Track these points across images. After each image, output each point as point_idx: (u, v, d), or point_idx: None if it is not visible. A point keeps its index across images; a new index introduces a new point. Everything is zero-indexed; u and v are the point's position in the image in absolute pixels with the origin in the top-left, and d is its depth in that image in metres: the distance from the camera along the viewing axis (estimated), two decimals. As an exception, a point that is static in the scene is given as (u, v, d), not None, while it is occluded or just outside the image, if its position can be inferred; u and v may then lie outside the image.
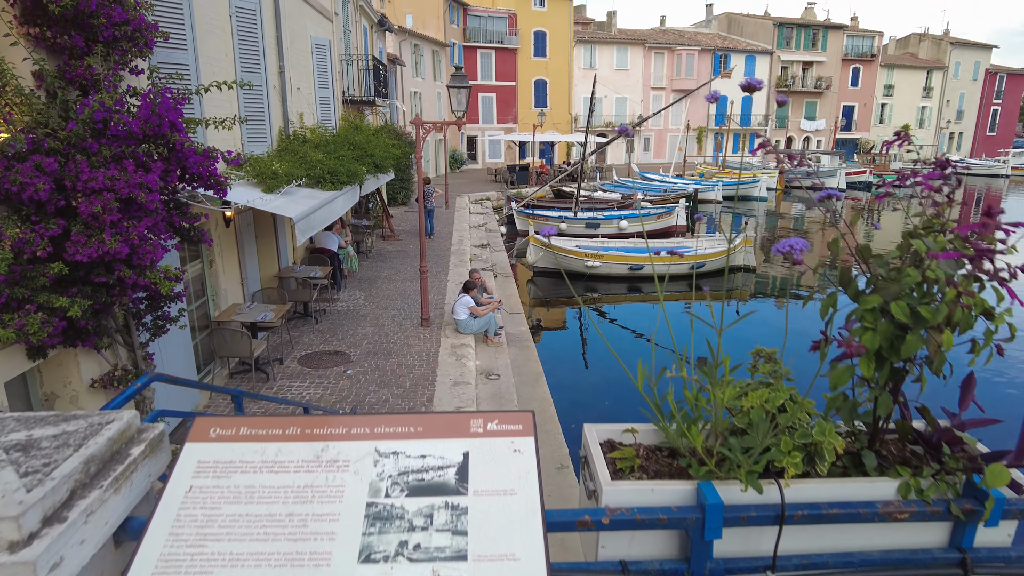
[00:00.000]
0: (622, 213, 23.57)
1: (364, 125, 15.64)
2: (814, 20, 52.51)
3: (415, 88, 34.23)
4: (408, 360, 8.63)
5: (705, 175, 37.98)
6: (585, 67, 45.19)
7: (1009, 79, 62.18)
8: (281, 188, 8.24)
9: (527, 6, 42.78)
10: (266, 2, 10.24)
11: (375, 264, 14.68)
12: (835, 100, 53.18)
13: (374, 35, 23.69)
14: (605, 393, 10.46)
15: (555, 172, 34.51)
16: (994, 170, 52.31)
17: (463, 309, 9.53)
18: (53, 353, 4.88)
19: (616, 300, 16.16)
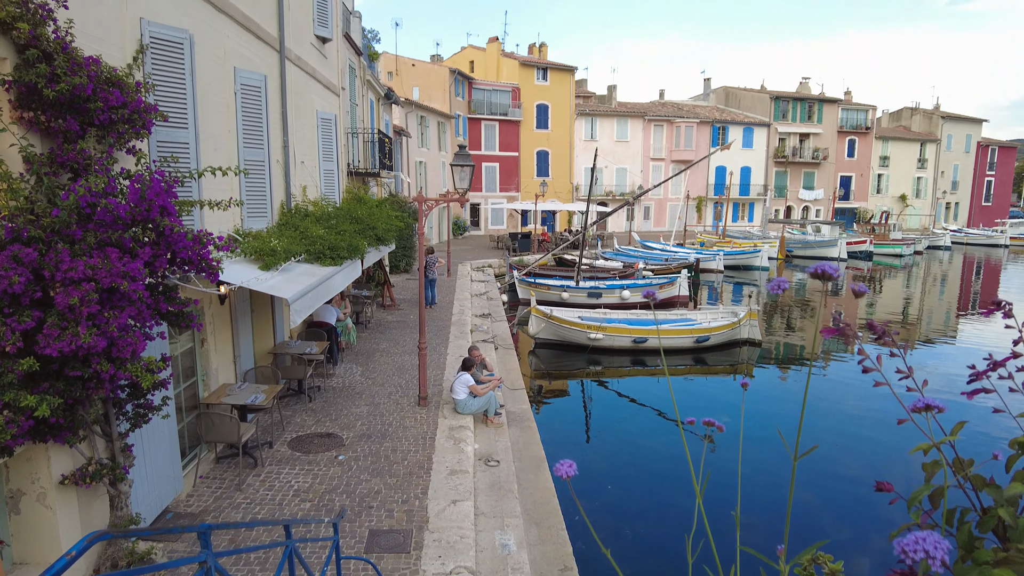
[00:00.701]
0: (624, 283, 23.47)
1: (368, 197, 15.70)
2: (809, 94, 54.06)
3: (420, 158, 34.85)
4: (403, 444, 8.23)
5: (706, 244, 38.17)
6: (586, 138, 46.20)
7: (1000, 151, 63.65)
8: (279, 265, 8.08)
9: (530, 80, 44.13)
10: (272, 79, 10.38)
11: (374, 336, 14.41)
12: (832, 170, 54.09)
13: (380, 108, 24.23)
14: (608, 475, 9.99)
15: (557, 240, 34.71)
16: (993, 240, 52.69)
17: (462, 388, 9.19)
18: (20, 449, 4.56)
19: (620, 374, 15.78)
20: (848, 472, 10.21)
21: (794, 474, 1.39)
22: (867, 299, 28.12)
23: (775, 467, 10.27)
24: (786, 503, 8.82)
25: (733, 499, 9.16)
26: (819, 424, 12.32)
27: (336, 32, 14.89)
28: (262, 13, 10.13)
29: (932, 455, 1.20)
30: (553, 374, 15.81)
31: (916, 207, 58.98)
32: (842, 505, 9.24)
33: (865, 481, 9.78)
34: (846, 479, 9.96)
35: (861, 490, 9.53)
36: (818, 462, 10.23)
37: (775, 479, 9.73)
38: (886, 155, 56.83)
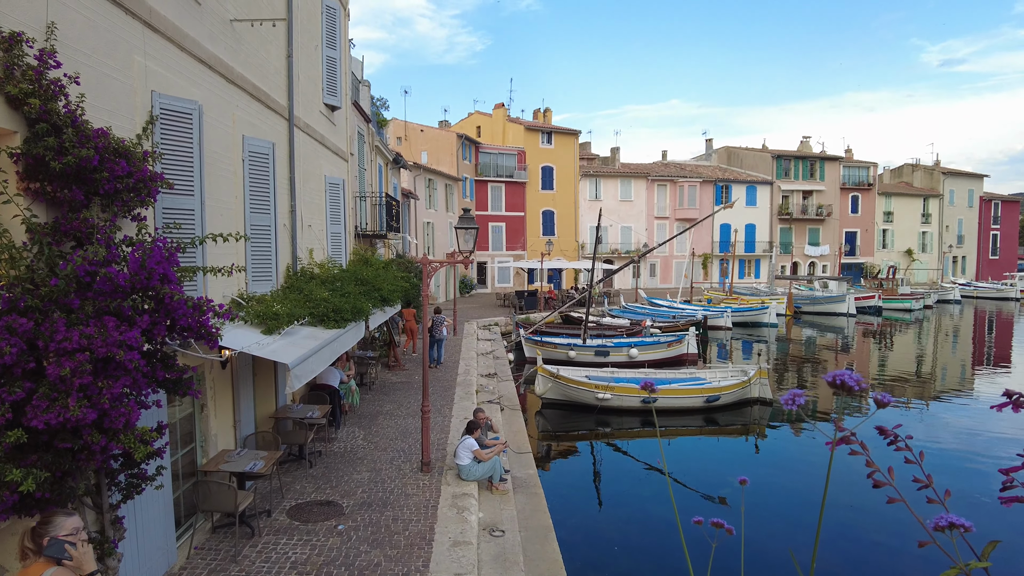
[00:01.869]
0: (632, 341, 23.28)
1: (374, 259, 15.81)
2: (810, 152, 54.94)
3: (428, 219, 35.35)
4: (405, 513, 7.97)
5: (713, 301, 38.06)
6: (591, 198, 46.86)
7: (1004, 205, 64.05)
8: (282, 329, 8.05)
9: (535, 143, 45.14)
10: (280, 146, 10.62)
11: (378, 397, 14.23)
12: (837, 226, 54.38)
13: (389, 171, 24.73)
14: (619, 544, 9.62)
15: (563, 298, 34.71)
16: (1003, 293, 52.36)
17: (466, 453, 8.98)
18: (5, 524, 4.42)
19: (630, 435, 15.45)
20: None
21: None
22: (879, 355, 27.74)
23: (790, 543, 9.88)
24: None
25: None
26: (832, 523, 10.66)
27: (345, 101, 15.34)
28: (272, 84, 10.46)
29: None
30: (561, 436, 15.50)
31: (923, 261, 58.96)
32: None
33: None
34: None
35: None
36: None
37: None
38: (890, 210, 57.23)
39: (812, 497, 11.42)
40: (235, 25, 8.94)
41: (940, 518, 1.09)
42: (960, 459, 13.62)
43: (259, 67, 9.92)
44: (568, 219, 46.11)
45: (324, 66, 13.57)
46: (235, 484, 7.41)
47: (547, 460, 13.69)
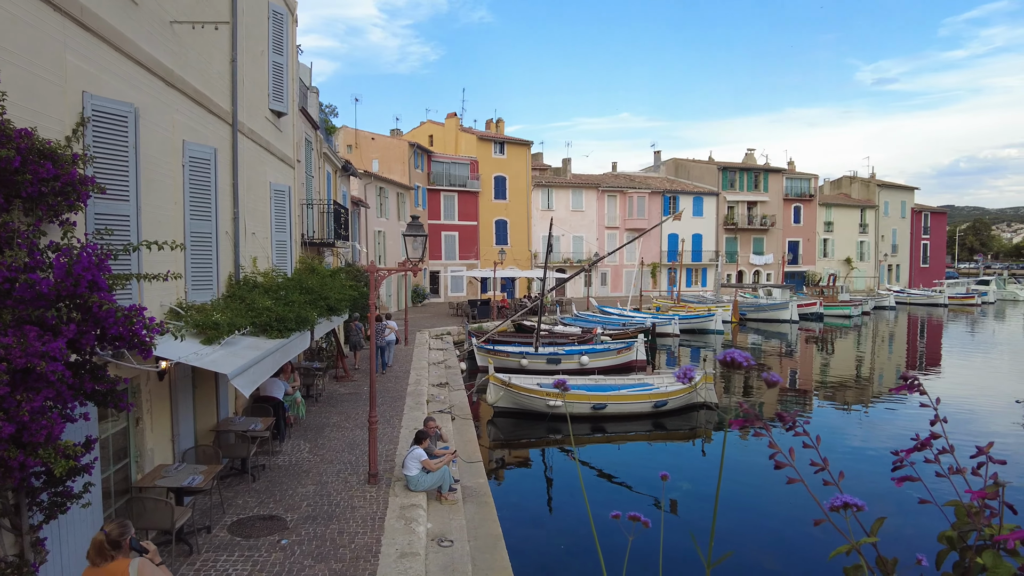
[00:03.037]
0: (583, 348, 23.49)
1: (321, 267, 15.54)
2: (755, 164, 56.77)
3: (379, 228, 34.97)
4: (351, 526, 7.82)
5: (661, 308, 38.78)
6: (543, 208, 47.23)
7: (932, 217, 67.57)
8: (222, 339, 7.81)
9: (488, 153, 45.28)
10: (223, 152, 10.36)
11: (325, 409, 13.95)
12: (780, 236, 56.24)
13: (338, 179, 24.39)
14: (570, 550, 9.66)
15: (516, 306, 34.80)
16: (933, 299, 55.00)
17: (414, 463, 8.87)
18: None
19: (580, 441, 15.55)
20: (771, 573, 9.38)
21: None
22: (821, 360, 28.73)
23: (731, 542, 10.11)
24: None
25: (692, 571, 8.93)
26: (746, 515, 11.17)
27: (292, 107, 15.08)
28: (215, 88, 10.20)
29: (855, 556, 1.14)
30: (513, 444, 15.49)
31: (861, 269, 61.50)
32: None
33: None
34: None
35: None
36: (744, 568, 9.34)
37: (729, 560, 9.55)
38: (830, 220, 59.54)
39: (754, 497, 11.70)
40: (175, 27, 8.69)
41: (836, 499, 1.13)
42: (867, 474, 14.19)
43: (201, 71, 9.66)
44: (521, 228, 46.34)
45: (270, 71, 13.32)
46: (172, 500, 7.14)
47: (499, 469, 13.65)
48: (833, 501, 1.13)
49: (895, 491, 1.37)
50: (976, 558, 1.03)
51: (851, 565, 1.10)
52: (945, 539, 1.12)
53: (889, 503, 10.58)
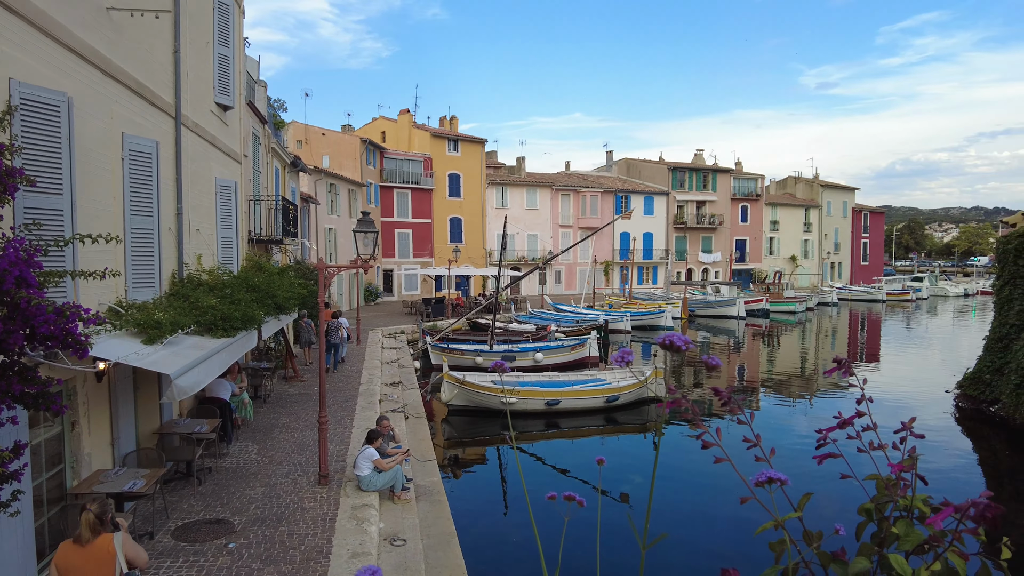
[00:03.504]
0: (537, 345, 23.63)
1: (269, 265, 15.19)
2: (703, 165, 58.08)
3: (330, 225, 34.37)
4: (301, 528, 7.67)
5: (614, 306, 39.32)
6: (498, 206, 47.25)
7: (871, 216, 70.50)
8: (164, 338, 7.56)
9: (442, 151, 45.02)
10: (165, 145, 10.01)
11: (274, 410, 13.64)
12: (728, 234, 57.70)
13: (287, 175, 23.88)
14: (525, 546, 9.70)
15: (471, 304, 34.74)
16: (872, 295, 57.38)
17: (366, 463, 8.77)
18: None
19: (535, 438, 15.64)
20: (706, 553, 9.65)
21: (643, 565, 1.34)
22: (767, 355, 29.63)
23: (679, 529, 10.35)
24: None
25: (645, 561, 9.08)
26: (685, 496, 11.79)
27: (239, 100, 14.68)
28: (157, 80, 9.85)
29: (782, 532, 1.18)
30: (467, 442, 15.47)
31: (805, 267, 63.65)
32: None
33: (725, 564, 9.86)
34: (696, 563, 9.34)
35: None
36: (682, 545, 9.70)
37: (675, 549, 9.77)
38: (776, 220, 61.40)
39: (697, 485, 11.98)
40: (113, 15, 8.36)
41: (760, 474, 1.17)
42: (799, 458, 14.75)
43: (142, 61, 9.31)
44: (475, 226, 46.25)
45: (216, 64, 12.94)
46: (112, 505, 6.86)
47: (454, 467, 13.62)
48: (758, 476, 1.17)
49: (830, 470, 1.43)
50: (891, 528, 1.08)
51: (776, 540, 1.14)
52: (864, 511, 1.17)
53: (826, 482, 10.99)
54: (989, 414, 16.40)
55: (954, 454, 14.55)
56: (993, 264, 19.26)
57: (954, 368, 20.07)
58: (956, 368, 19.63)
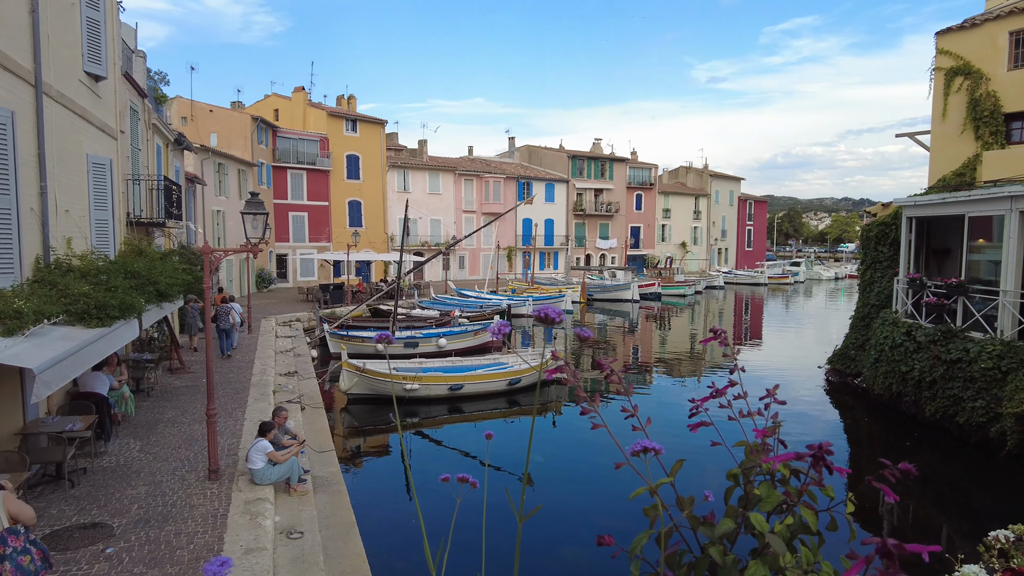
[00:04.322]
0: (441, 331, 23.55)
1: (151, 249, 14.18)
2: (601, 153, 59.70)
3: (218, 207, 32.46)
4: (189, 526, 7.28)
5: (517, 291, 39.84)
6: (399, 190, 46.42)
7: (756, 205, 75.36)
8: (27, 329, 6.89)
9: (339, 131, 43.57)
10: (24, 116, 9.07)
11: (159, 404, 12.81)
12: (624, 221, 59.83)
13: (170, 153, 22.30)
14: (425, 524, 9.69)
15: (372, 290, 34.03)
16: (755, 279, 61.49)
17: (259, 456, 8.43)
18: None
19: (438, 423, 15.63)
20: (585, 524, 10.08)
21: (519, 539, 1.38)
22: (660, 336, 31.11)
23: (568, 503, 10.72)
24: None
25: (537, 541, 9.37)
26: (578, 469, 12.31)
27: (113, 70, 13.52)
28: (12, 43, 8.88)
29: (656, 498, 1.25)
30: (369, 431, 15.22)
31: (694, 253, 67.17)
32: (572, 562, 8.99)
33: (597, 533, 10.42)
34: (581, 534, 9.71)
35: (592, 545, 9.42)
36: (560, 516, 10.16)
37: (563, 521, 10.13)
38: (668, 208, 64.31)
39: (593, 464, 12.47)
40: (-46, -34, 7.42)
41: (636, 444, 1.24)
42: (720, 425, 15.76)
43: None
44: (376, 210, 45.22)
45: (84, 28, 11.83)
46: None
47: (355, 456, 13.37)
48: (634, 446, 1.24)
49: (709, 438, 1.52)
50: (755, 491, 1.18)
51: (649, 506, 1.22)
52: (732, 476, 1.26)
53: (703, 450, 11.74)
54: (854, 386, 18.05)
55: (824, 422, 15.95)
56: (858, 250, 21.16)
57: (826, 345, 21.90)
58: (827, 345, 21.43)
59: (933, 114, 18.29)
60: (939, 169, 17.97)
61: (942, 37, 17.94)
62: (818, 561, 1.08)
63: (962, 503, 11.26)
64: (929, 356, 13.72)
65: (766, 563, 1.03)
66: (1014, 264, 12.64)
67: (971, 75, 17.16)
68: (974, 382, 12.53)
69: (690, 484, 1.21)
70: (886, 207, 19.10)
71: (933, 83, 18.21)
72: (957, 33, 17.58)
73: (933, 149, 18.47)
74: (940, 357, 13.40)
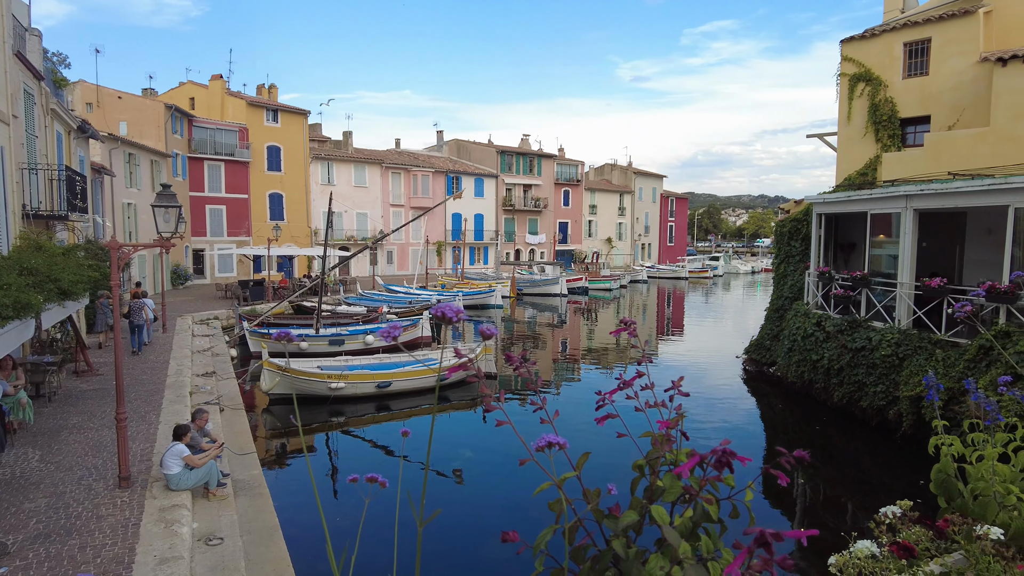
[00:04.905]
0: (367, 328, 23.10)
1: (51, 244, 13.22)
2: (529, 149, 60.15)
3: (129, 200, 30.65)
4: (96, 539, 6.84)
5: (447, 286, 39.65)
6: (323, 183, 45.20)
7: (677, 202, 77.98)
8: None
9: (259, 121, 41.97)
10: (-101, 98, 8.24)
11: (62, 410, 11.98)
12: (552, 217, 60.57)
13: (72, 141, 20.85)
14: (353, 531, 9.52)
15: (295, 287, 33.02)
16: (677, 273, 63.69)
17: (175, 461, 8.02)
18: None
19: (365, 422, 15.35)
20: (510, 519, 10.15)
21: (420, 542, 1.36)
22: (587, 329, 31.70)
23: (495, 500, 10.80)
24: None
25: (464, 535, 9.38)
26: (497, 463, 12.40)
27: (1, 48, 12.49)
28: None
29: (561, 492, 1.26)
30: (292, 431, 14.75)
31: (619, 248, 68.82)
32: (488, 558, 8.99)
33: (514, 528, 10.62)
34: (505, 527, 9.92)
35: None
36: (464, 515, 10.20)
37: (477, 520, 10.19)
38: (594, 204, 65.57)
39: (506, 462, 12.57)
40: None
41: (540, 439, 1.24)
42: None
43: None
44: (299, 203, 43.86)
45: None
46: None
47: (280, 458, 12.95)
48: (538, 442, 1.24)
49: (616, 430, 1.53)
50: (659, 482, 1.20)
51: (554, 500, 1.22)
52: (637, 467, 1.28)
53: (614, 442, 12.06)
54: (769, 375, 18.96)
55: (742, 410, 16.69)
56: (773, 245, 22.25)
57: (743, 336, 22.91)
58: (745, 336, 22.42)
59: (839, 117, 19.41)
60: (845, 169, 19.11)
61: (846, 45, 19.06)
62: (719, 549, 1.10)
63: (864, 481, 12.04)
64: (837, 345, 14.57)
65: (667, 555, 1.05)
66: (909, 258, 13.60)
67: (871, 81, 18.32)
68: (875, 368, 13.40)
69: (600, 477, 1.22)
70: (798, 204, 20.15)
71: (839, 88, 19.33)
72: (859, 42, 18.72)
73: (839, 150, 19.61)
74: (846, 346, 14.26)
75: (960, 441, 2.67)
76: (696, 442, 1.37)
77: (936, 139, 16.46)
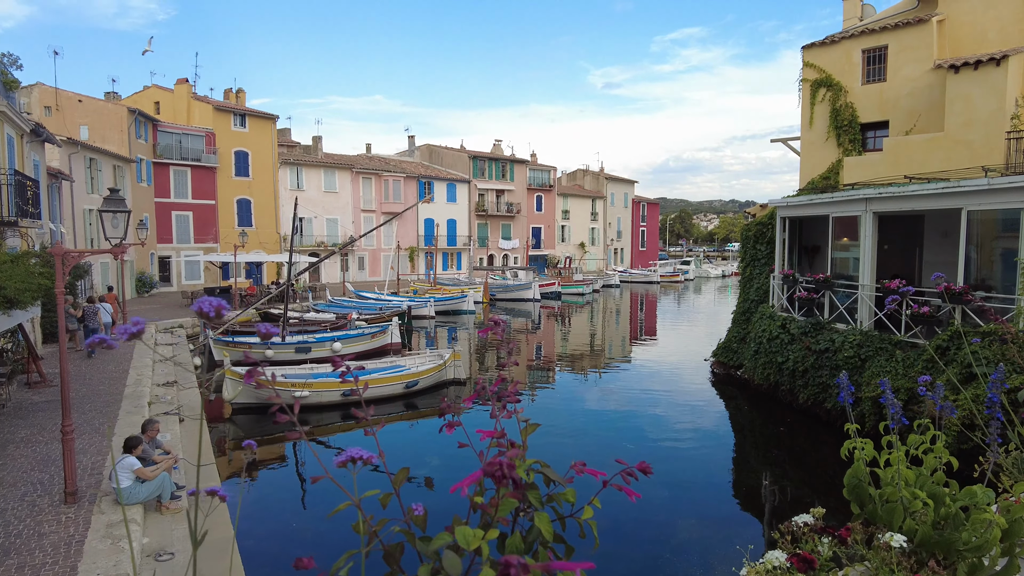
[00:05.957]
0: (335, 334, 22.82)
1: (0, 251, 12.78)
2: (502, 155, 60.21)
3: (91, 206, 29.86)
4: (36, 558, 6.56)
5: (419, 292, 39.38)
6: (292, 188, 44.65)
7: (648, 207, 78.67)
8: None
9: (227, 126, 41.34)
10: None
11: (10, 423, 11.54)
12: (525, 222, 60.64)
13: (26, 145, 20.26)
14: (319, 540, 9.32)
15: (264, 293, 32.48)
16: (649, 278, 64.17)
17: (126, 474, 7.76)
18: None
19: (330, 431, 15.10)
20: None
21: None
22: (561, 333, 31.70)
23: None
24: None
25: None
26: (468, 470, 12.68)
27: (-53, 50, 12.05)
28: None
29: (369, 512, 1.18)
30: (256, 441, 14.44)
31: (592, 253, 69.18)
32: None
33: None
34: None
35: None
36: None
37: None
38: (567, 209, 65.84)
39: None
40: None
41: (346, 453, 1.15)
42: (618, 417, 16.22)
43: None
44: (267, 209, 43.26)
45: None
46: None
47: (242, 469, 12.65)
48: (341, 457, 1.16)
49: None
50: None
51: (356, 522, 1.14)
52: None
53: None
54: (736, 377, 19.12)
55: (709, 411, 16.80)
56: (739, 249, 22.50)
57: (712, 339, 23.07)
58: (714, 339, 22.57)
59: (802, 122, 19.72)
60: (808, 173, 19.41)
61: (808, 51, 19.39)
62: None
63: (829, 482, 12.16)
64: (801, 347, 14.74)
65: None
66: (870, 260, 13.83)
67: (832, 87, 18.66)
68: (839, 369, 13.58)
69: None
70: (764, 208, 20.39)
71: (801, 93, 19.65)
72: (820, 48, 19.06)
73: (803, 154, 19.92)
74: (811, 348, 14.43)
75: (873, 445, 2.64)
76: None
77: (894, 144, 16.81)
